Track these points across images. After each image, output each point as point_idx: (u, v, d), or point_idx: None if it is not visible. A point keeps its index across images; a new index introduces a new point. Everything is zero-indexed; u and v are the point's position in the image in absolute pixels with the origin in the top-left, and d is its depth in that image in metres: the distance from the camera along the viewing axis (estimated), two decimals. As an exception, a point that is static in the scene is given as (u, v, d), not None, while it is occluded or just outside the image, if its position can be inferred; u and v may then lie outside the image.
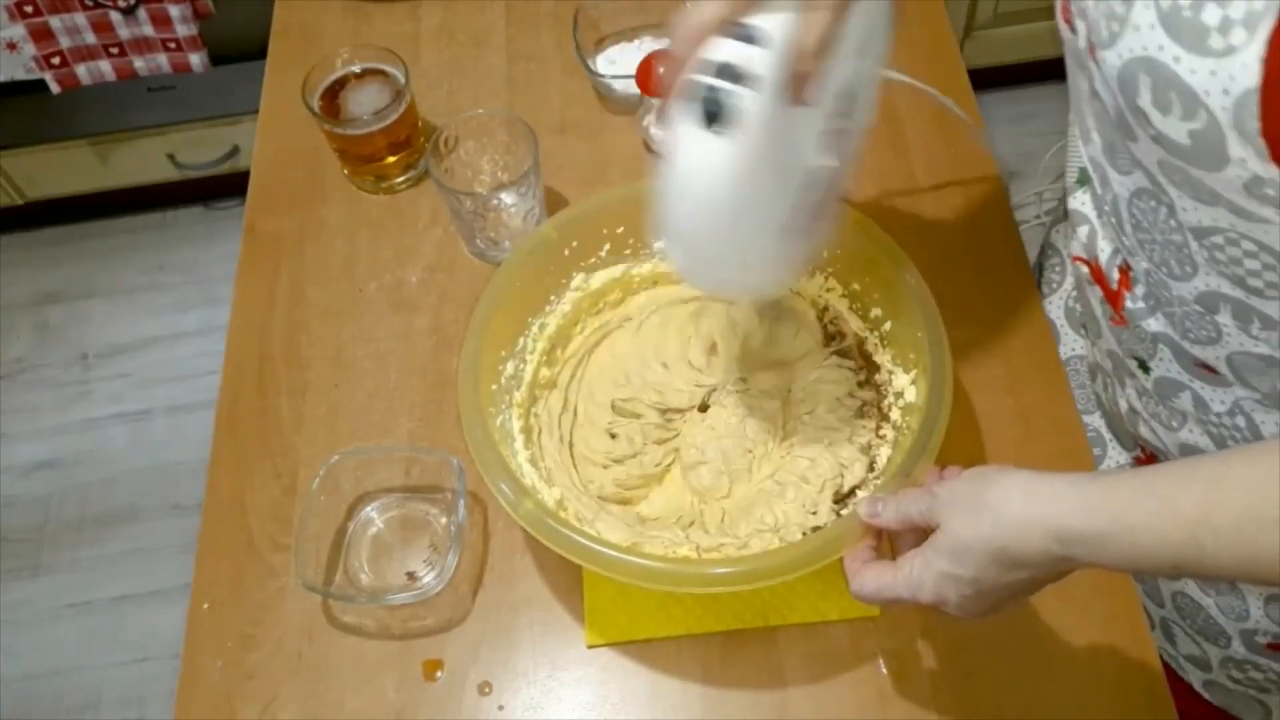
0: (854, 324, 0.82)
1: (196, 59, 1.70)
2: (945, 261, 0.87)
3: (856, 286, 0.82)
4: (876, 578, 0.60)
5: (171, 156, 1.91)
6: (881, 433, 0.77)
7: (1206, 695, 0.82)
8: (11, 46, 1.63)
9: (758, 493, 0.75)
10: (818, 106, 0.56)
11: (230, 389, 0.87)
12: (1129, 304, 0.64)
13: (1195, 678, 0.81)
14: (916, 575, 0.57)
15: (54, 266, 2.06)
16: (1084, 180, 0.67)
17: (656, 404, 0.80)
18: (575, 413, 0.80)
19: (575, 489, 0.76)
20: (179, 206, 2.10)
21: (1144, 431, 0.72)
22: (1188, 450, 0.68)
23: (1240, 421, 0.62)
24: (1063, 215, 0.87)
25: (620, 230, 0.82)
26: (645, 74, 0.91)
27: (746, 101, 0.52)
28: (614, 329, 0.84)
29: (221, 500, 0.81)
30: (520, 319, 0.81)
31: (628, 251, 0.84)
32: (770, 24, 0.52)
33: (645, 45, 1.02)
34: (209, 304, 1.98)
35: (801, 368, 0.80)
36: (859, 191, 0.92)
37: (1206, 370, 0.61)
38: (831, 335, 0.82)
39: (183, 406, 1.88)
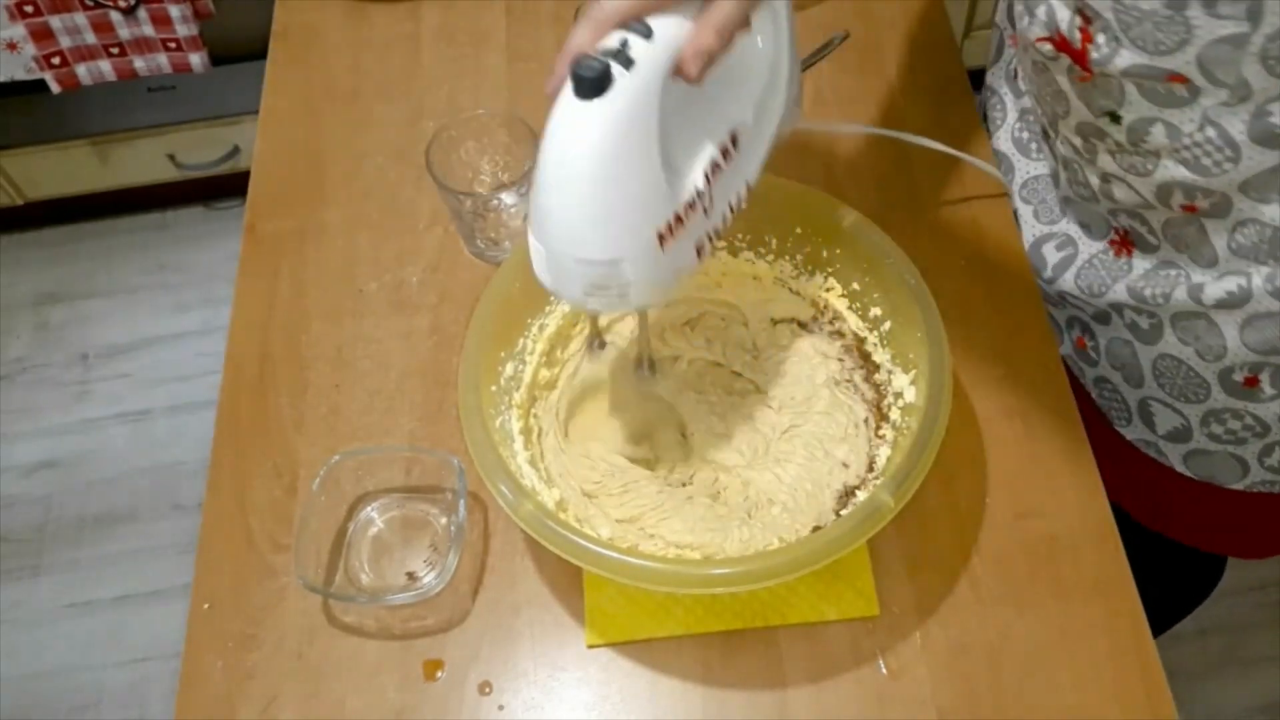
0: (853, 323, 0.82)
1: (197, 59, 1.70)
2: (945, 261, 0.87)
3: (856, 286, 0.82)
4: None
5: (172, 157, 1.91)
6: (881, 433, 0.77)
7: (1188, 471, 0.83)
8: (12, 46, 1.63)
9: (757, 493, 0.75)
10: (708, 114, 0.60)
11: (231, 389, 0.87)
12: (1094, 54, 0.66)
13: (1176, 456, 0.83)
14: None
15: (54, 266, 2.06)
16: None
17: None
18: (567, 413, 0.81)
19: (574, 489, 0.76)
20: (179, 207, 2.10)
21: (1119, 193, 0.74)
22: (1165, 190, 0.69)
23: (1211, 133, 0.64)
24: (996, 56, 0.91)
25: (620, 230, 0.82)
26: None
27: (619, 74, 0.53)
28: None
29: (222, 500, 0.82)
30: (520, 319, 0.81)
31: (628, 252, 0.83)
32: (669, 19, 0.55)
33: (645, 45, 1.02)
34: (209, 304, 1.98)
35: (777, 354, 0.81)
36: (860, 191, 0.92)
37: (1176, 82, 0.63)
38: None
39: (183, 406, 1.88)
